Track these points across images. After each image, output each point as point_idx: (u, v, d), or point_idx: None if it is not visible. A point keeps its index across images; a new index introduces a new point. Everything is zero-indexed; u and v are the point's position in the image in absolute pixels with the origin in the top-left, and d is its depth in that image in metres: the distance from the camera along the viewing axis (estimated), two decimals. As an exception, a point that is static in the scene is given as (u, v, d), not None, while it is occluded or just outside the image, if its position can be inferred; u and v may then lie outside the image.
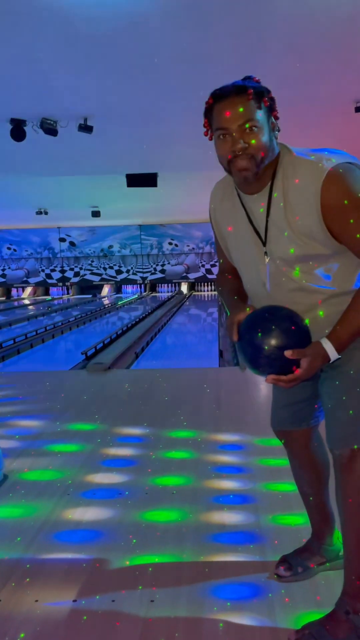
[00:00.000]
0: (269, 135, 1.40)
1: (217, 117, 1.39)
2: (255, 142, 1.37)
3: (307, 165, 1.40)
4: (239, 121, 1.36)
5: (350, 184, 1.37)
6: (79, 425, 3.73)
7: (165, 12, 4.60)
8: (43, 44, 5.08)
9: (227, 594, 1.78)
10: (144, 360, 6.93)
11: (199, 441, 3.27)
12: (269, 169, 1.44)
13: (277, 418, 1.81)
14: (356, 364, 1.52)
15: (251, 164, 1.39)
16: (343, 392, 1.53)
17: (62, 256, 21.47)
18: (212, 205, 1.68)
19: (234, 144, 1.38)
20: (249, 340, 1.46)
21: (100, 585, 1.87)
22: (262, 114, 1.39)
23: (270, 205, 1.46)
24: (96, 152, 8.55)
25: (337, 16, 4.71)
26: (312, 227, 1.40)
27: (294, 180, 1.42)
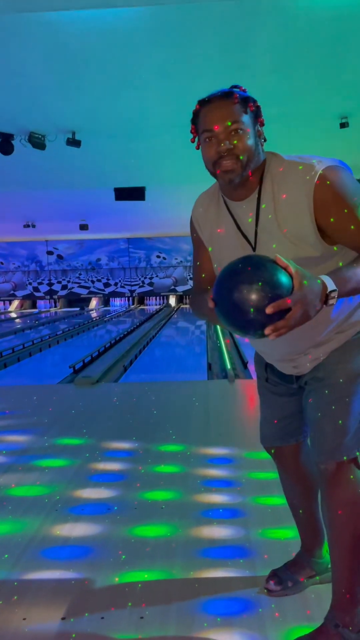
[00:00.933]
0: (254, 139, 1.41)
1: (203, 120, 1.41)
2: (241, 143, 1.38)
3: (298, 168, 1.41)
4: (224, 123, 1.38)
5: (342, 181, 1.39)
6: (67, 439, 3.70)
7: (152, 29, 4.66)
8: (31, 58, 5.11)
9: (217, 610, 1.77)
10: (132, 373, 6.91)
11: (188, 455, 3.26)
12: (255, 175, 1.45)
13: (266, 434, 1.81)
14: (343, 376, 1.52)
15: (236, 165, 1.39)
16: (331, 403, 1.53)
17: (49, 269, 21.42)
18: (194, 215, 1.65)
19: (218, 146, 1.39)
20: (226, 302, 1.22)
21: (89, 602, 1.85)
22: (247, 118, 1.40)
23: (259, 212, 1.45)
24: (84, 166, 8.60)
25: (322, 35, 4.81)
26: (304, 228, 1.40)
27: (284, 184, 1.42)
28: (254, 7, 4.32)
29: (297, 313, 1.18)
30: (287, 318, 1.18)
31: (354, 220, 1.37)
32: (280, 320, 1.18)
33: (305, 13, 4.44)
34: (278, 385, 1.73)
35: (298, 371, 1.62)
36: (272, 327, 1.18)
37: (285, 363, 1.63)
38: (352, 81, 5.81)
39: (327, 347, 1.55)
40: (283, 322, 1.18)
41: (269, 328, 1.18)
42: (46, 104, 6.27)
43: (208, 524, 2.37)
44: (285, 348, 1.58)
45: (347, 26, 4.67)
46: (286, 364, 1.63)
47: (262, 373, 1.78)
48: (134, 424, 4.05)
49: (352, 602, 1.57)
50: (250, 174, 1.43)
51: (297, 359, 1.59)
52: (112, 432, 3.84)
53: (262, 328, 1.19)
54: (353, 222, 1.37)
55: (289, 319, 1.18)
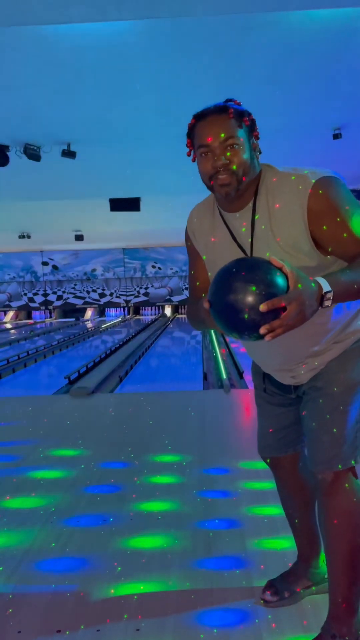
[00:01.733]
0: (249, 153, 1.43)
1: (199, 135, 1.43)
2: (236, 158, 1.40)
3: (292, 178, 1.43)
4: (220, 138, 1.39)
5: (335, 191, 1.40)
6: (62, 451, 3.68)
7: (146, 41, 4.71)
8: (26, 71, 5.15)
9: (214, 621, 1.76)
10: (128, 384, 6.90)
11: (183, 465, 3.25)
12: (250, 187, 1.46)
13: (264, 444, 1.81)
14: (340, 386, 1.53)
15: (232, 179, 1.41)
16: (328, 413, 1.53)
17: (44, 280, 21.41)
18: (189, 227, 1.67)
19: (215, 160, 1.41)
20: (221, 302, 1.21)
21: (84, 614, 1.83)
22: (242, 132, 1.42)
23: (253, 223, 1.47)
24: (79, 177, 8.64)
25: (315, 48, 4.88)
26: (298, 238, 1.41)
27: (278, 194, 1.43)
28: (248, 21, 4.38)
29: (292, 312, 1.18)
30: (283, 317, 1.18)
31: (347, 230, 1.38)
32: (275, 319, 1.18)
33: (298, 27, 4.50)
34: (276, 396, 1.73)
35: (296, 381, 1.63)
36: (267, 327, 1.17)
37: (284, 373, 1.63)
38: (345, 93, 5.88)
39: (325, 356, 1.55)
40: (278, 321, 1.18)
41: (264, 327, 1.17)
42: (41, 115, 6.31)
43: (204, 534, 2.36)
44: (283, 358, 1.59)
45: (339, 39, 4.74)
46: (284, 373, 1.63)
47: (260, 383, 1.77)
48: (129, 434, 4.03)
49: (349, 612, 1.57)
50: (245, 186, 1.44)
51: (295, 369, 1.59)
52: (107, 443, 3.82)
53: (257, 329, 1.18)
54: (346, 232, 1.38)
55: (284, 318, 1.18)
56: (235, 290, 1.18)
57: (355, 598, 1.57)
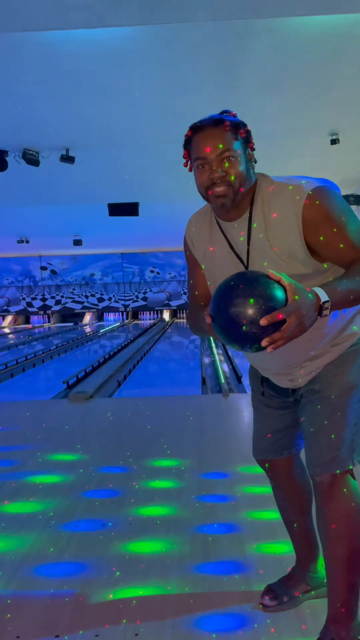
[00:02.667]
0: (245, 164, 1.46)
1: (196, 147, 1.45)
2: (232, 170, 1.43)
3: (288, 188, 1.45)
4: (217, 151, 1.42)
5: (330, 200, 1.42)
6: (60, 455, 3.68)
7: (145, 47, 4.74)
8: (26, 76, 5.18)
9: (213, 626, 1.76)
10: (126, 388, 6.89)
11: (182, 470, 3.25)
12: (247, 197, 1.49)
13: (259, 447, 1.82)
14: (337, 389, 1.54)
15: (228, 191, 1.43)
16: (325, 417, 1.54)
17: (43, 284, 21.42)
18: (188, 235, 1.69)
19: (211, 172, 1.43)
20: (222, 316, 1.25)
21: (83, 619, 1.83)
22: (238, 144, 1.44)
23: (250, 232, 1.49)
24: (78, 182, 8.66)
25: (312, 54, 4.91)
26: (294, 246, 1.43)
27: (274, 204, 1.46)
28: (246, 28, 4.41)
29: (292, 324, 1.21)
30: (283, 330, 1.21)
31: (342, 238, 1.41)
32: (275, 332, 1.20)
33: (296, 33, 4.53)
34: (273, 399, 1.74)
35: (294, 384, 1.64)
36: (268, 339, 1.21)
37: (281, 376, 1.65)
38: (342, 98, 5.91)
39: (322, 360, 1.57)
40: (279, 334, 1.21)
41: (265, 340, 1.21)
42: (40, 121, 6.33)
43: (203, 539, 2.36)
44: (281, 362, 1.60)
45: (337, 45, 4.77)
46: (282, 377, 1.65)
47: (257, 387, 1.79)
48: (128, 439, 4.03)
49: (347, 617, 1.57)
50: (241, 197, 1.46)
51: (293, 372, 1.61)
52: (106, 447, 3.82)
53: (258, 341, 1.22)
54: (341, 240, 1.41)
55: (284, 331, 1.21)
56: (235, 305, 1.22)
57: (354, 602, 1.57)
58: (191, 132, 1.47)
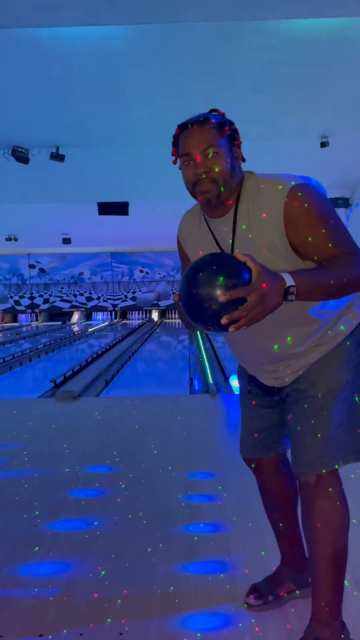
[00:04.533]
0: (230, 161, 1.48)
1: (182, 144, 1.49)
2: (216, 167, 1.46)
3: (271, 186, 1.48)
4: (201, 147, 1.45)
5: (311, 198, 1.44)
6: (47, 454, 3.66)
7: (137, 47, 4.74)
8: (16, 73, 5.15)
9: (198, 625, 1.76)
10: (114, 388, 6.88)
11: (169, 470, 3.25)
12: (232, 194, 1.51)
13: (245, 445, 1.83)
14: (323, 388, 1.55)
15: (212, 186, 1.47)
16: (311, 416, 1.55)
17: (31, 283, 21.30)
18: (180, 232, 1.74)
19: (196, 168, 1.47)
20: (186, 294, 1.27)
21: (67, 619, 1.82)
22: (223, 141, 1.47)
23: (235, 227, 1.52)
24: (68, 180, 8.63)
25: (303, 58, 4.93)
26: (276, 243, 1.45)
27: (257, 201, 1.48)
28: (238, 29, 4.43)
29: (252, 303, 1.20)
30: (243, 308, 1.20)
31: (322, 236, 1.42)
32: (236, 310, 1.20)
33: (287, 36, 4.56)
34: (260, 397, 1.75)
35: (279, 383, 1.65)
36: (228, 317, 1.20)
37: (267, 374, 1.66)
38: (332, 102, 5.95)
39: (307, 359, 1.58)
40: (239, 312, 1.20)
41: (224, 317, 1.20)
42: (30, 118, 6.30)
43: (189, 538, 2.36)
44: (266, 359, 1.61)
45: (327, 49, 4.80)
46: (267, 375, 1.66)
47: (245, 385, 1.80)
48: (115, 438, 4.02)
49: (331, 616, 1.58)
50: (226, 193, 1.49)
51: (278, 371, 1.62)
52: (93, 446, 3.81)
53: (218, 318, 1.21)
54: (320, 238, 1.42)
55: (244, 309, 1.20)
56: (198, 283, 1.24)
57: (338, 601, 1.58)
58: (179, 129, 1.51)
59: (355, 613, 1.75)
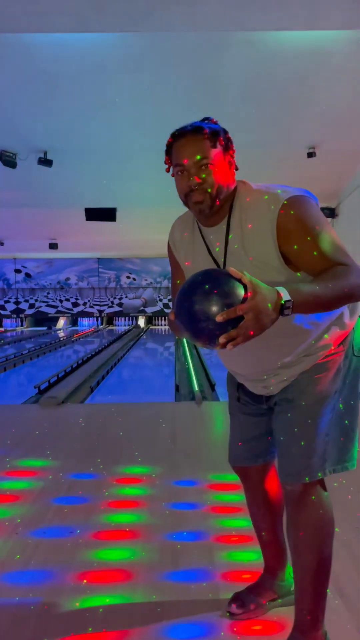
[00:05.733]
0: (224, 172, 1.48)
1: (175, 154, 1.48)
2: (210, 178, 1.45)
3: (264, 197, 1.47)
4: (194, 158, 1.44)
5: (304, 210, 1.43)
6: (30, 461, 3.62)
7: (127, 55, 4.76)
8: (4, 78, 5.14)
9: (180, 634, 1.75)
10: (99, 394, 6.84)
11: (153, 477, 3.24)
12: (226, 203, 1.51)
13: (234, 454, 1.82)
14: (310, 398, 1.55)
15: (206, 197, 1.46)
16: (297, 425, 1.55)
17: (17, 287, 21.17)
18: (171, 239, 1.73)
19: (189, 179, 1.46)
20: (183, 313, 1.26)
21: (48, 628, 1.80)
22: (217, 152, 1.46)
23: (227, 237, 1.52)
24: (55, 185, 8.62)
25: (290, 69, 4.99)
26: (268, 255, 1.45)
27: (250, 212, 1.47)
28: (225, 40, 4.47)
29: (249, 321, 1.19)
30: (240, 327, 1.19)
31: (314, 248, 1.41)
32: (233, 329, 1.20)
33: (274, 47, 4.61)
34: (248, 405, 1.75)
35: (267, 392, 1.65)
36: (225, 336, 1.20)
37: (255, 383, 1.66)
38: (319, 112, 6.02)
39: (296, 369, 1.57)
40: (236, 331, 1.19)
41: (222, 337, 1.20)
42: (18, 123, 6.29)
43: (172, 546, 2.35)
44: (255, 367, 1.61)
45: (314, 60, 4.86)
46: (256, 383, 1.66)
47: (233, 392, 1.80)
48: (99, 445, 4.00)
49: (314, 625, 1.58)
50: (219, 203, 1.49)
51: (266, 380, 1.61)
52: (76, 453, 3.78)
53: (216, 337, 1.21)
54: (313, 250, 1.41)
55: (241, 327, 1.19)
56: (194, 302, 1.23)
57: (320, 611, 1.59)
58: (172, 139, 1.50)
59: (337, 621, 1.76)
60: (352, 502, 2.64)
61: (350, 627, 1.76)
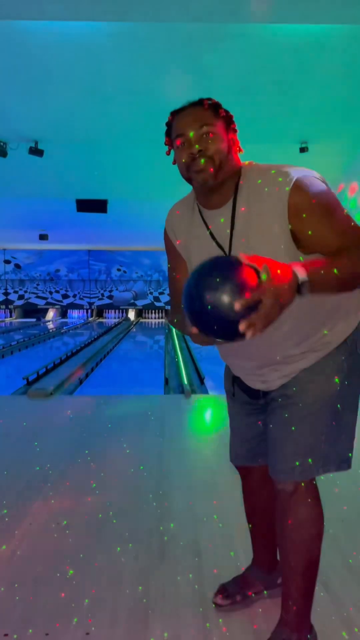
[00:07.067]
0: (226, 143, 1.44)
1: (176, 126, 1.44)
2: (212, 145, 1.41)
3: (273, 176, 1.41)
4: (195, 126, 1.41)
5: (315, 188, 1.38)
6: (17, 452, 3.61)
7: (119, 44, 4.72)
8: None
9: (165, 625, 1.76)
10: (88, 386, 6.83)
11: (141, 469, 3.24)
12: (230, 183, 1.45)
13: (235, 454, 1.80)
14: (310, 396, 1.51)
15: (208, 165, 1.40)
16: (294, 423, 1.51)
17: (6, 278, 21.02)
18: (168, 223, 1.65)
19: (190, 148, 1.41)
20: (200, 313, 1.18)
21: (33, 618, 1.80)
22: (218, 123, 1.43)
23: (234, 218, 1.45)
24: (46, 175, 8.54)
25: (284, 62, 4.97)
26: (278, 234, 1.39)
27: (259, 192, 1.41)
28: (220, 31, 4.44)
29: (267, 305, 1.13)
30: (259, 313, 1.13)
31: (328, 226, 1.35)
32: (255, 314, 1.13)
33: (269, 40, 4.59)
34: (245, 405, 1.71)
35: (266, 387, 1.60)
36: (245, 323, 1.13)
37: (255, 377, 1.61)
38: (311, 108, 6.01)
39: (298, 365, 1.53)
40: (256, 315, 1.13)
41: (242, 324, 1.13)
42: (9, 111, 6.22)
43: (159, 537, 2.36)
44: (256, 361, 1.56)
45: (308, 54, 4.85)
46: (255, 377, 1.61)
47: (229, 388, 1.75)
48: (87, 437, 3.99)
49: (300, 621, 1.58)
50: (222, 178, 1.43)
51: (267, 375, 1.57)
52: (64, 445, 3.77)
53: (236, 327, 1.14)
54: (326, 228, 1.35)
55: (260, 313, 1.13)
56: (209, 298, 1.15)
57: (308, 607, 1.58)
58: (171, 116, 1.47)
59: (322, 614, 1.77)
60: (338, 495, 2.66)
61: (335, 618, 1.77)
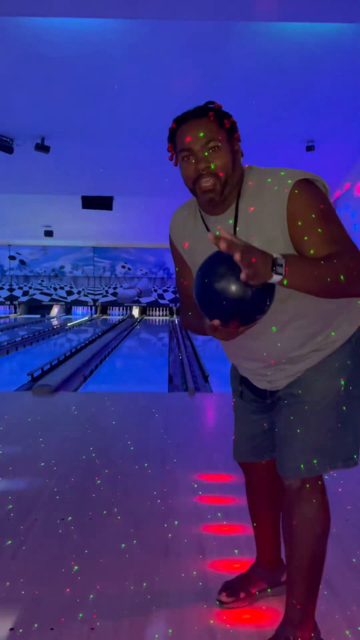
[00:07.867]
0: (231, 155, 1.43)
1: (180, 139, 1.42)
2: (218, 161, 1.40)
3: (275, 179, 1.42)
4: (202, 142, 1.39)
5: (312, 193, 1.39)
6: (22, 448, 3.63)
7: (128, 41, 4.72)
8: (2, 62, 5.08)
9: (169, 622, 1.77)
10: (92, 383, 6.85)
11: (145, 467, 3.25)
12: (233, 190, 1.46)
13: (239, 450, 1.81)
14: (316, 395, 1.52)
15: (216, 185, 1.41)
16: (300, 422, 1.52)
17: (11, 274, 21.05)
18: (172, 230, 1.66)
19: (197, 164, 1.40)
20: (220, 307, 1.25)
21: (39, 613, 1.81)
22: (223, 135, 1.42)
23: (236, 224, 1.45)
24: (52, 172, 8.55)
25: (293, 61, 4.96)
26: (278, 239, 1.40)
27: (260, 197, 1.42)
28: (229, 30, 4.44)
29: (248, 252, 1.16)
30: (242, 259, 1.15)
31: (320, 232, 1.36)
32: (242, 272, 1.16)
33: (276, 39, 4.59)
34: (251, 403, 1.72)
35: (272, 386, 1.61)
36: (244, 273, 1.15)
37: (260, 377, 1.62)
38: (318, 107, 6.00)
39: (303, 364, 1.54)
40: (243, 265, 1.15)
41: (243, 273, 1.16)
42: (16, 107, 6.23)
43: (163, 535, 2.37)
44: (261, 361, 1.57)
45: (317, 54, 4.84)
46: (261, 377, 1.62)
47: (237, 387, 1.76)
48: (91, 434, 4.01)
49: (304, 618, 1.58)
50: (228, 190, 1.43)
51: (272, 374, 1.58)
52: (69, 442, 3.79)
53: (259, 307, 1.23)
54: (319, 234, 1.36)
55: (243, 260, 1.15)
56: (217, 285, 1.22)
57: (312, 605, 1.59)
58: (175, 124, 1.44)
59: (325, 612, 1.78)
60: (342, 494, 2.66)
61: (338, 617, 1.78)
